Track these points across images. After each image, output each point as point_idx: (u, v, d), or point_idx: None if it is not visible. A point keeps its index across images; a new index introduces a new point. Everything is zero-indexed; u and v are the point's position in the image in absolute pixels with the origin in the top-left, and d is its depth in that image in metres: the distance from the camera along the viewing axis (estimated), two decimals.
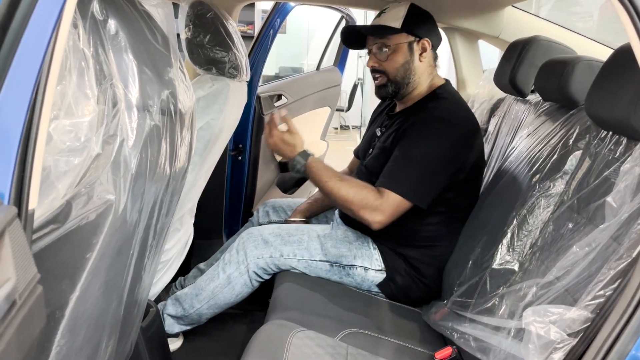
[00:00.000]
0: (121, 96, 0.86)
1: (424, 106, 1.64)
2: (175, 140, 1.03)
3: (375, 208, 1.47)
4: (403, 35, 1.63)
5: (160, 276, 1.73)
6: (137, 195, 0.91)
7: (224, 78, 1.69)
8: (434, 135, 1.54)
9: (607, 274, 0.88)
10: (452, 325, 1.33)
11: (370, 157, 1.74)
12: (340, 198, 1.50)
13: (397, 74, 1.64)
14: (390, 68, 1.64)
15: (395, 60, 1.64)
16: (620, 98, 0.99)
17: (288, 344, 1.22)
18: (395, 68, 1.64)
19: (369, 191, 1.50)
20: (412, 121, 1.59)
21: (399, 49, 1.63)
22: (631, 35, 0.77)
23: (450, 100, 1.64)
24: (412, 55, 1.64)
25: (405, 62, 1.64)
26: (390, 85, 1.66)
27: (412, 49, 1.64)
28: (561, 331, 0.89)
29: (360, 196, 1.49)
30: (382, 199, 1.48)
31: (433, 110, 1.60)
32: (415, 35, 1.64)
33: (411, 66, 1.65)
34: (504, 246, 1.31)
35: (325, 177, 1.52)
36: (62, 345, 0.85)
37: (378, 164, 1.65)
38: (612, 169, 1.07)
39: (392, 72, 1.65)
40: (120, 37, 0.87)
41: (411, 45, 1.64)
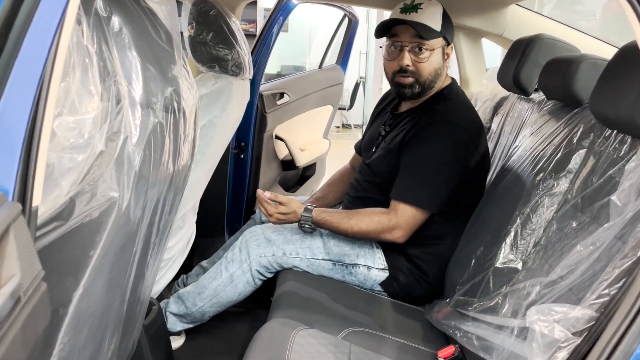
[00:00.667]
0: (125, 93, 0.86)
1: (430, 107, 1.63)
2: (179, 138, 1.03)
3: (392, 227, 1.53)
4: (440, 40, 1.61)
5: (163, 274, 1.73)
6: (141, 192, 0.91)
7: (226, 76, 1.69)
8: (443, 141, 1.54)
9: (611, 273, 0.87)
10: (455, 324, 1.32)
11: (375, 157, 1.73)
12: (357, 234, 1.57)
13: (428, 77, 1.61)
14: (424, 70, 1.60)
15: (431, 63, 1.60)
16: (625, 96, 0.98)
17: (291, 342, 1.22)
18: (429, 71, 1.61)
19: (380, 214, 1.55)
20: (420, 125, 1.58)
21: (436, 53, 1.61)
22: (637, 33, 0.77)
23: (455, 100, 1.64)
24: (443, 61, 1.64)
25: (438, 67, 1.62)
26: (416, 86, 1.62)
27: (444, 54, 1.64)
28: (565, 330, 0.89)
29: (374, 224, 1.54)
30: (396, 216, 1.53)
31: (440, 113, 1.60)
32: (447, 40, 1.64)
33: (441, 71, 1.64)
34: (507, 245, 1.30)
35: (335, 222, 1.58)
36: (65, 342, 0.85)
37: (383, 164, 1.66)
38: (617, 168, 1.06)
39: (424, 74, 1.60)
40: (124, 34, 0.87)
41: (444, 50, 1.64)
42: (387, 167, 1.64)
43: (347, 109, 8.15)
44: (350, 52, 3.18)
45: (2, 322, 0.53)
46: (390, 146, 1.64)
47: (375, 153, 1.74)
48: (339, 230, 1.58)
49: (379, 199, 1.64)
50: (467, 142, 1.56)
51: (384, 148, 1.69)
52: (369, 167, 1.73)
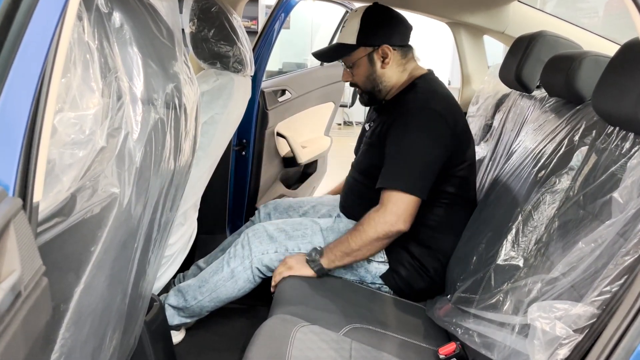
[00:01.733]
0: (126, 89, 0.86)
1: (402, 99, 1.68)
2: (180, 134, 1.03)
3: (381, 216, 1.52)
4: (361, 50, 1.68)
5: (164, 270, 1.73)
6: (142, 188, 0.91)
7: (228, 72, 1.69)
8: (417, 126, 1.56)
9: (613, 270, 0.87)
10: (456, 321, 1.32)
11: (360, 153, 1.80)
12: (364, 244, 1.53)
13: (365, 85, 1.73)
14: (359, 82, 1.73)
15: (359, 74, 1.71)
16: (628, 93, 0.98)
17: (292, 339, 1.22)
18: (362, 81, 1.73)
19: (370, 213, 1.55)
20: (393, 117, 1.62)
21: (360, 64, 1.70)
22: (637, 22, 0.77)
23: (425, 88, 1.67)
24: (373, 66, 1.69)
25: (369, 74, 1.70)
26: (365, 95, 1.77)
27: (373, 59, 1.69)
28: (567, 327, 0.89)
29: (367, 223, 1.53)
30: (386, 206, 1.52)
31: (410, 101, 1.63)
32: (372, 45, 1.67)
33: (375, 75, 1.70)
34: (508, 242, 1.30)
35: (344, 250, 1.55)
36: (66, 338, 0.85)
37: (365, 160, 1.73)
38: (619, 165, 1.06)
39: (361, 84, 1.74)
40: (125, 30, 0.87)
41: (371, 56, 1.69)
42: (369, 160, 1.69)
43: (349, 106, 8.13)
44: None
45: (2, 316, 0.53)
46: (372, 140, 1.70)
47: (360, 151, 1.81)
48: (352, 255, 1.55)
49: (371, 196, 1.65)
50: (444, 125, 1.56)
51: (366, 143, 1.76)
52: (356, 162, 1.80)
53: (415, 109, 1.59)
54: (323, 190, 3.25)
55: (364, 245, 1.53)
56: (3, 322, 0.53)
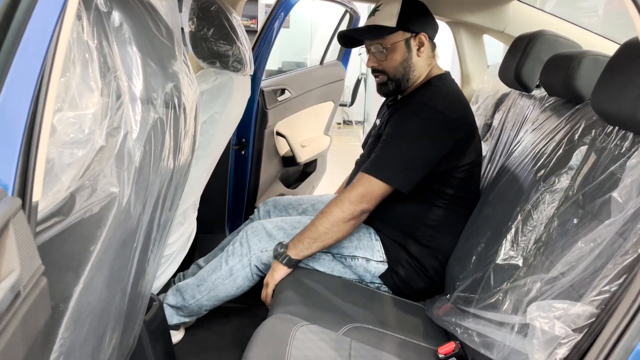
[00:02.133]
0: (125, 89, 0.86)
1: (417, 95, 1.66)
2: (179, 134, 1.03)
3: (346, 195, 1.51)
4: (399, 34, 1.64)
5: (164, 270, 1.74)
6: (141, 188, 0.91)
7: (227, 72, 1.69)
8: (414, 119, 1.56)
9: (612, 270, 0.87)
10: (456, 320, 1.32)
11: (368, 148, 1.77)
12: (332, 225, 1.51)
13: (396, 72, 1.67)
14: (389, 67, 1.67)
15: (393, 59, 1.65)
16: (628, 93, 0.98)
17: (291, 338, 1.22)
18: (394, 67, 1.66)
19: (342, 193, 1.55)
20: (404, 110, 1.62)
21: (396, 48, 1.65)
22: (639, 29, 0.77)
23: (439, 89, 1.66)
24: (410, 52, 1.66)
25: (403, 60, 1.66)
26: (390, 84, 1.69)
27: (410, 45, 1.66)
28: (566, 326, 0.89)
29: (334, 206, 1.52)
30: (351, 186, 1.52)
31: (418, 96, 1.63)
32: (411, 32, 1.64)
33: (410, 63, 1.66)
34: (508, 241, 1.30)
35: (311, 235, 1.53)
36: (66, 337, 0.85)
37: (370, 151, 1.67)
38: (618, 164, 1.06)
39: (391, 71, 1.67)
40: (125, 30, 0.87)
41: (408, 42, 1.65)
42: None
43: (349, 105, 8.13)
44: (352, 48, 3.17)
45: (2, 315, 0.53)
46: (379, 133, 1.69)
47: (369, 145, 1.78)
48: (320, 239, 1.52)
49: None
50: (442, 125, 1.55)
51: (373, 135, 1.75)
52: (363, 158, 1.77)
53: (418, 105, 1.59)
54: (322, 189, 3.26)
55: (331, 227, 1.51)
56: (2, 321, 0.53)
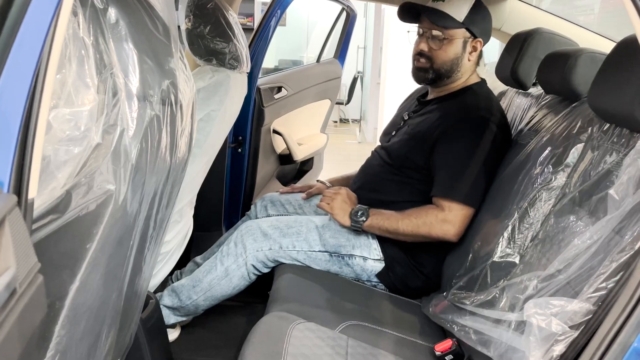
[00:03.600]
0: (121, 86, 0.85)
1: (462, 101, 1.65)
2: (176, 131, 1.03)
3: (443, 223, 1.52)
4: (462, 31, 1.63)
5: (160, 268, 1.73)
6: (138, 185, 0.90)
7: (224, 69, 1.68)
8: (480, 137, 1.55)
9: (609, 267, 0.88)
10: (452, 318, 1.33)
11: (395, 140, 1.74)
12: (409, 234, 1.56)
13: (443, 65, 1.66)
14: (439, 58, 1.65)
15: (447, 52, 1.64)
16: (624, 90, 0.98)
17: (288, 336, 1.22)
18: (443, 60, 1.65)
19: (428, 210, 1.54)
20: (453, 119, 1.60)
21: (454, 43, 1.64)
22: (637, 27, 0.77)
23: (487, 98, 1.67)
24: (463, 52, 1.66)
25: (455, 57, 1.65)
26: (430, 72, 1.68)
27: (466, 46, 1.66)
28: (562, 323, 0.89)
29: (423, 220, 1.54)
30: (444, 211, 1.52)
31: (474, 109, 1.61)
32: (472, 33, 1.64)
33: (459, 62, 1.66)
34: (504, 239, 1.31)
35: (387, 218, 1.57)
36: (62, 335, 0.85)
37: (403, 149, 1.67)
38: (615, 162, 1.06)
39: (439, 62, 1.65)
40: (121, 26, 0.87)
41: (465, 42, 1.66)
42: (406, 153, 1.66)
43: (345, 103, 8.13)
44: (348, 46, 3.18)
45: None
46: (414, 132, 1.67)
47: (395, 137, 1.76)
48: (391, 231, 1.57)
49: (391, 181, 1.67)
50: (501, 139, 1.58)
51: (406, 133, 1.71)
52: (386, 150, 1.74)
53: (479, 118, 1.58)
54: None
55: (410, 235, 1.56)
56: None
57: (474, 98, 1.66)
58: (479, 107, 1.62)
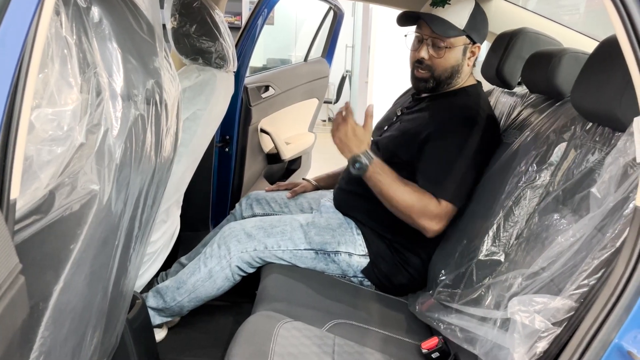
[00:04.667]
0: (105, 85, 0.85)
1: (455, 101, 1.66)
2: (161, 130, 1.02)
3: (434, 216, 1.51)
4: (462, 38, 1.62)
5: (147, 268, 1.72)
6: (122, 185, 0.90)
7: (210, 68, 1.67)
8: (471, 138, 1.55)
9: (591, 264, 0.89)
10: (439, 316, 1.34)
11: (385, 135, 1.74)
12: (402, 202, 1.52)
13: (444, 73, 1.64)
14: (439, 66, 1.63)
15: (448, 59, 1.62)
16: (606, 89, 1.00)
17: (275, 335, 1.22)
18: (444, 68, 1.64)
19: (430, 199, 1.52)
20: (444, 120, 1.60)
21: (455, 50, 1.62)
22: (617, 26, 0.78)
23: (480, 100, 1.67)
24: (463, 58, 1.65)
25: (456, 64, 1.64)
26: (431, 81, 1.66)
27: (466, 52, 1.65)
28: (546, 320, 0.90)
29: (422, 203, 1.51)
30: (438, 207, 1.51)
31: (466, 109, 1.61)
32: (472, 40, 1.64)
33: (459, 69, 1.66)
34: (490, 237, 1.32)
35: (389, 179, 1.52)
36: (46, 336, 0.84)
37: (392, 144, 1.67)
38: (597, 161, 1.08)
39: (440, 70, 1.64)
40: (104, 25, 0.86)
41: (465, 49, 1.64)
42: (394, 148, 1.65)
43: (333, 102, 8.13)
44: (336, 45, 3.17)
45: None
46: (405, 129, 1.67)
47: (386, 132, 1.76)
48: (388, 190, 1.51)
49: None
50: (489, 139, 1.59)
51: (397, 129, 1.71)
52: (376, 144, 1.73)
53: (471, 118, 1.58)
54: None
55: (399, 205, 1.52)
56: None
57: (466, 98, 1.66)
58: (469, 106, 1.63)
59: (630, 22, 0.75)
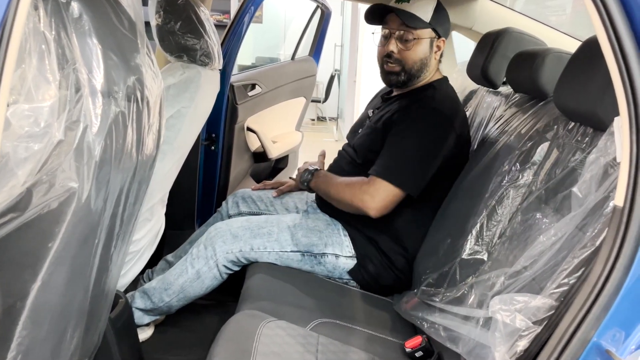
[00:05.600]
0: (85, 81, 0.84)
1: (420, 95, 1.68)
2: (142, 128, 1.01)
3: (364, 192, 1.54)
4: (428, 31, 1.66)
5: (130, 267, 1.71)
6: (102, 183, 0.89)
7: (195, 66, 1.66)
8: (427, 126, 1.57)
9: (571, 263, 0.89)
10: (422, 315, 1.34)
11: (359, 135, 1.77)
12: (338, 195, 1.63)
13: (413, 65, 1.67)
14: (409, 59, 1.67)
15: (417, 52, 1.66)
16: (588, 89, 1.00)
17: (258, 334, 1.21)
18: (413, 60, 1.67)
19: (358, 179, 1.59)
20: (407, 109, 1.62)
21: (422, 43, 1.66)
22: (596, 24, 0.78)
23: (444, 92, 1.69)
24: (431, 52, 1.68)
25: (424, 57, 1.68)
26: (402, 75, 1.69)
27: (432, 45, 1.68)
28: (526, 319, 0.91)
29: (351, 187, 1.59)
30: (369, 184, 1.55)
31: (429, 100, 1.64)
32: (437, 33, 1.67)
33: (427, 62, 1.69)
34: (473, 236, 1.32)
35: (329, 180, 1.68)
36: (23, 336, 0.83)
37: (366, 142, 1.70)
38: (579, 160, 1.09)
39: (409, 63, 1.67)
40: (85, 21, 0.85)
41: (432, 42, 1.68)
42: (368, 146, 1.68)
43: (322, 101, 8.14)
44: (323, 43, 3.17)
45: None
46: (376, 125, 1.69)
47: (360, 133, 1.78)
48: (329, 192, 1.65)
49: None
50: (450, 130, 1.59)
51: (368, 127, 1.74)
52: (353, 147, 1.76)
53: (430, 108, 1.60)
54: None
55: (336, 199, 1.64)
56: None
57: (431, 92, 1.68)
58: (434, 99, 1.64)
59: (610, 23, 0.76)
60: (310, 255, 1.63)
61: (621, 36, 0.74)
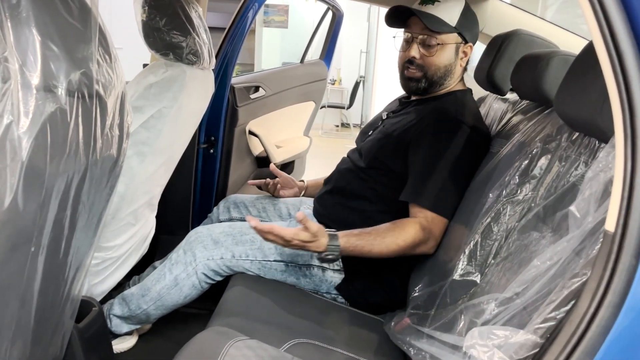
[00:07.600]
0: (14, 72, 0.76)
1: (442, 106, 1.56)
2: (93, 126, 0.93)
3: (426, 240, 1.40)
4: (454, 36, 1.55)
5: (110, 273, 1.63)
6: (34, 186, 0.81)
7: (180, 64, 1.57)
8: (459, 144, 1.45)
9: (560, 294, 0.77)
10: (410, 339, 1.23)
11: (369, 139, 1.66)
12: (392, 253, 1.39)
13: (436, 72, 1.57)
14: (432, 65, 1.56)
15: (440, 58, 1.56)
16: (588, 95, 0.88)
17: (223, 355, 1.11)
18: (437, 67, 1.56)
19: (413, 226, 1.39)
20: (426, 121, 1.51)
21: (447, 49, 1.55)
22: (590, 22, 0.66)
23: (468, 106, 1.58)
24: (456, 58, 1.58)
25: (448, 64, 1.57)
26: (423, 82, 1.59)
27: (458, 51, 1.58)
28: (506, 357, 0.79)
29: (406, 239, 1.38)
30: (429, 225, 1.40)
31: (452, 113, 1.52)
32: (464, 39, 1.56)
33: (452, 69, 1.58)
34: (466, 255, 1.21)
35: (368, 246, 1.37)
36: None
37: (374, 147, 1.58)
38: (581, 174, 0.97)
39: (432, 69, 1.57)
40: (22, 7, 0.77)
41: (458, 48, 1.57)
42: (375, 152, 1.57)
43: (347, 108, 8.07)
44: (335, 46, 3.08)
45: None
46: (388, 132, 1.58)
47: (370, 136, 1.68)
48: (373, 254, 1.38)
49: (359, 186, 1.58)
50: (478, 146, 1.49)
51: (380, 132, 1.63)
52: (359, 151, 1.66)
53: (458, 124, 1.48)
54: None
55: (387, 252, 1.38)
56: None
57: (449, 103, 1.57)
58: (455, 110, 1.53)
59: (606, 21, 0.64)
60: (295, 266, 1.52)
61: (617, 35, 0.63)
